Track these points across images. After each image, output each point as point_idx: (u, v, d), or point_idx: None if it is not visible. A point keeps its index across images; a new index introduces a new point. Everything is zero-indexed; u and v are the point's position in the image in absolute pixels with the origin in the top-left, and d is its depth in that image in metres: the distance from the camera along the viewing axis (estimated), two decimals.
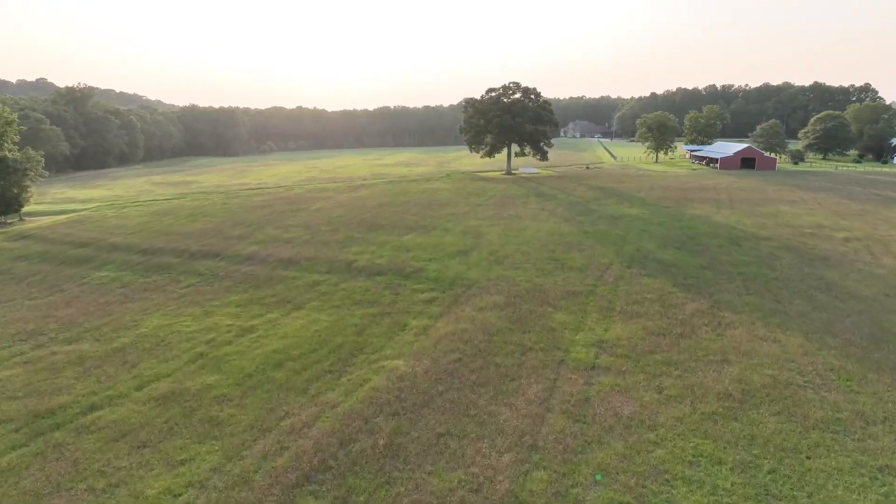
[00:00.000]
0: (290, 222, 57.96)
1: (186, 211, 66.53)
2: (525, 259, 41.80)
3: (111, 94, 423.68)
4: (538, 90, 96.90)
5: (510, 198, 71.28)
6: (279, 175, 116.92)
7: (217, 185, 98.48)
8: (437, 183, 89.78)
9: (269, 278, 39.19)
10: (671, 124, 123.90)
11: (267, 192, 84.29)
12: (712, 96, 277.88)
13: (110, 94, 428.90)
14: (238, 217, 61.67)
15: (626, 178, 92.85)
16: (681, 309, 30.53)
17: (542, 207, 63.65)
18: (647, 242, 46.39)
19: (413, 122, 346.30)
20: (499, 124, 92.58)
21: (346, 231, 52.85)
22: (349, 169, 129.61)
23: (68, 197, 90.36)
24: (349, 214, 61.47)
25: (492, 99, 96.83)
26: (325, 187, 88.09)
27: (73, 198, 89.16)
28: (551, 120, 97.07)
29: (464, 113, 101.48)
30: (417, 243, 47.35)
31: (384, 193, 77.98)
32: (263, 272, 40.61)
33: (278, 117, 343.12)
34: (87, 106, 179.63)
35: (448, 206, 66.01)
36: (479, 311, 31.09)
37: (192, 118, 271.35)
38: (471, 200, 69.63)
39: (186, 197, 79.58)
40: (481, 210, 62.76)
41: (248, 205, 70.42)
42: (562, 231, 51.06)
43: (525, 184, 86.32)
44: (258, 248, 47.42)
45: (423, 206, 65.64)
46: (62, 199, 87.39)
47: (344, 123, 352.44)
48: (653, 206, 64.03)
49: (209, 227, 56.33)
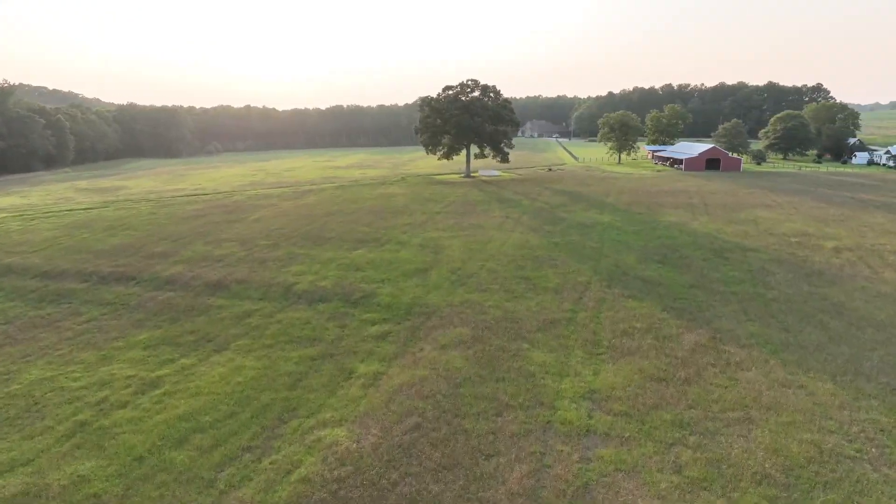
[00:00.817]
0: (224, 236, 51.68)
1: (105, 223, 59.16)
2: (492, 278, 37.12)
3: (43, 92, 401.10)
4: (497, 88, 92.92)
5: (471, 204, 66.65)
6: (220, 179, 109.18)
7: (148, 191, 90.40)
8: (391, 187, 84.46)
9: (190, 308, 33.20)
10: (634, 124, 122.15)
11: (203, 199, 77.19)
12: (669, 96, 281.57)
13: (42, 91, 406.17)
14: (165, 230, 54.88)
15: (591, 180, 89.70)
16: (678, 342, 26.36)
17: (506, 215, 59.24)
18: (625, 255, 42.45)
19: (367, 121, 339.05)
20: (457, 124, 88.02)
21: (288, 246, 47.05)
22: (298, 172, 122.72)
23: None
24: (293, 225, 55.57)
25: (449, 97, 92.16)
26: (268, 193, 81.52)
27: None
28: (512, 119, 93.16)
29: (419, 112, 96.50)
30: (369, 260, 42.07)
31: (333, 200, 72.17)
32: (184, 300, 34.54)
33: (225, 116, 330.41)
34: (8, 104, 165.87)
35: (404, 214, 60.85)
36: (441, 349, 26.14)
37: (130, 118, 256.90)
38: (428, 207, 64.67)
39: (110, 206, 71.76)
40: (440, 219, 57.88)
41: (178, 215, 63.47)
42: (530, 243, 46.67)
43: (486, 188, 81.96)
44: (183, 268, 41.17)
45: (377, 215, 60.29)
46: None
47: (295, 123, 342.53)
48: (624, 213, 60.54)
49: (128, 243, 49.48)
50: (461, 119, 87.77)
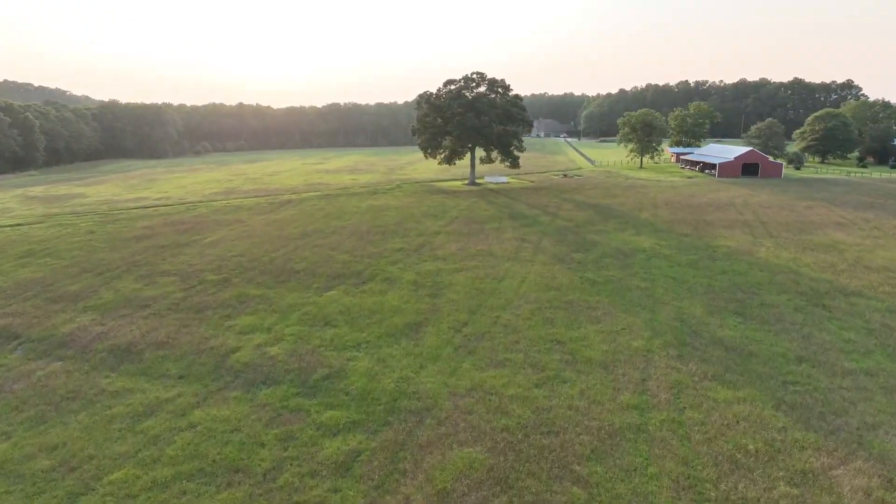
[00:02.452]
0: (165, 266, 41.74)
1: (24, 247, 49.30)
2: (511, 341, 27.20)
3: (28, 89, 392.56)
4: (507, 82, 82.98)
5: (478, 222, 56.61)
6: (191, 186, 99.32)
7: (104, 200, 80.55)
8: (384, 198, 74.49)
9: (71, 395, 23.24)
10: (658, 124, 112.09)
11: (160, 212, 67.29)
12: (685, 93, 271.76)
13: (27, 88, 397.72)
14: (94, 257, 44.97)
15: (616, 189, 79.65)
16: (830, 489, 16.33)
17: (521, 237, 49.22)
18: (688, 302, 32.47)
19: (365, 120, 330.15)
20: (460, 124, 78.05)
21: (241, 284, 37.10)
22: (282, 176, 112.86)
23: None
24: (255, 252, 45.62)
25: (451, 93, 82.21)
26: (239, 205, 71.60)
27: None
28: (523, 118, 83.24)
29: (417, 110, 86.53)
30: (344, 307, 32.15)
31: (313, 215, 62.21)
32: (69, 381, 24.59)
33: (216, 115, 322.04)
34: None
35: (395, 235, 50.87)
36: (440, 501, 16.18)
37: (111, 116, 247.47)
38: (426, 226, 54.67)
39: (47, 221, 61.88)
40: (440, 242, 47.90)
41: (121, 235, 53.57)
42: (557, 280, 36.68)
43: (495, 199, 71.95)
44: (91, 319, 31.26)
45: (362, 237, 50.31)
46: None
47: (289, 121, 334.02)
48: (667, 234, 50.54)
49: (38, 278, 39.57)
50: (465, 118, 77.82)
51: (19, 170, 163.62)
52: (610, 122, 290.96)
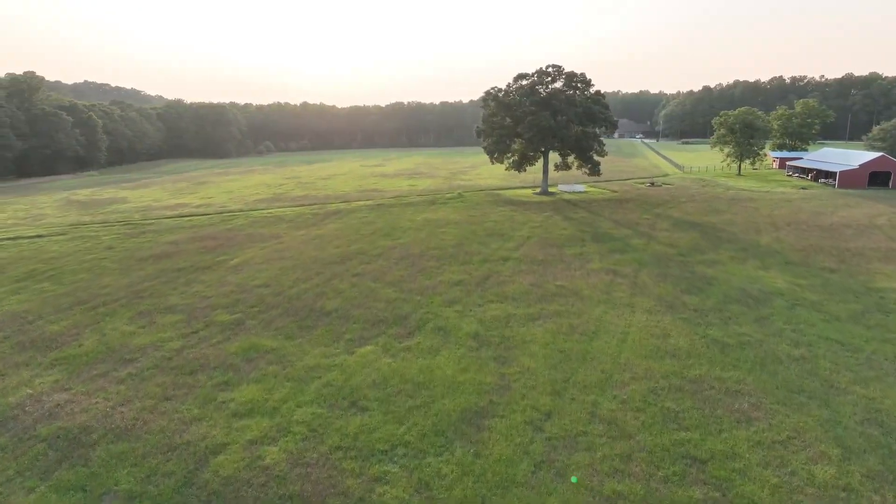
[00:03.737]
0: (173, 299, 35.00)
1: (30, 265, 44.07)
2: (621, 454, 18.34)
3: (106, 89, 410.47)
4: (587, 77, 73.22)
5: (555, 245, 47.44)
6: (239, 191, 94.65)
7: (142, 207, 76.35)
8: (443, 209, 66.32)
9: None
10: (761, 125, 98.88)
11: (194, 222, 61.68)
12: (780, 90, 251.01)
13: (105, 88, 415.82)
14: (98, 283, 38.91)
15: (718, 203, 68.32)
16: None
17: (612, 268, 39.76)
18: (877, 388, 22.54)
19: (430, 119, 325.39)
20: (533, 124, 68.80)
21: (255, 329, 29.71)
22: (336, 181, 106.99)
23: None
24: (282, 281, 38.33)
25: (523, 89, 73.20)
26: (282, 215, 65.19)
27: None
28: (607, 119, 73.17)
29: (483, 109, 78.00)
30: (380, 377, 24.08)
31: (360, 230, 54.73)
32: None
33: (280, 114, 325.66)
34: (34, 100, 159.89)
35: (454, 260, 42.49)
36: None
37: (175, 115, 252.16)
38: (492, 250, 46.01)
39: (70, 232, 57.28)
40: (509, 272, 39.15)
41: (141, 252, 47.73)
42: (671, 341, 27.29)
43: (573, 213, 62.42)
44: (52, 382, 24.51)
45: (413, 262, 42.21)
46: None
47: (353, 121, 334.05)
48: (804, 268, 39.83)
49: (23, 311, 33.60)
50: (539, 118, 68.54)
51: (81, 170, 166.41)
52: (692, 123, 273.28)
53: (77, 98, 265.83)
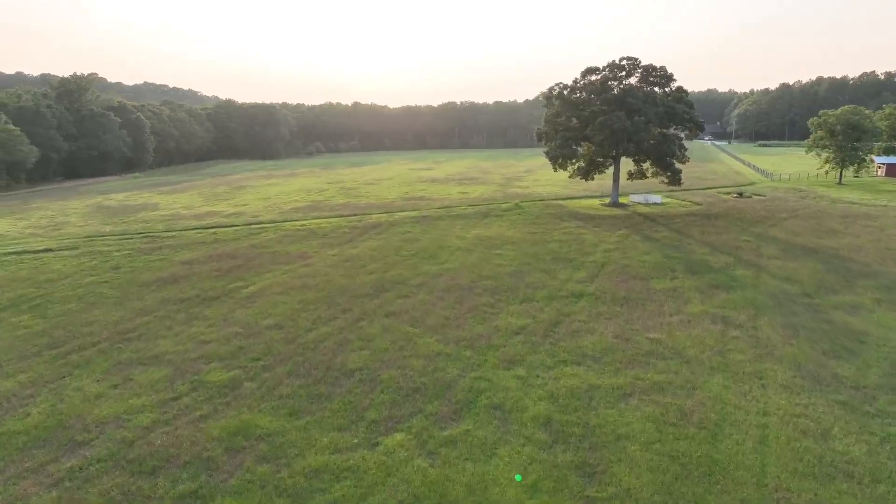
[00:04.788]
0: (164, 345, 28.64)
1: (20, 289, 38.87)
2: None
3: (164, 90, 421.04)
4: (668, 71, 64.07)
5: (638, 276, 38.97)
6: (277, 197, 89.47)
7: (170, 215, 71.67)
8: (497, 224, 58.54)
9: None
10: (869, 126, 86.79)
11: (218, 235, 56.02)
12: (871, 87, 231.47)
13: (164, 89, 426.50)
14: (85, 318, 33.08)
15: (828, 220, 57.92)
16: None
17: (720, 317, 31.16)
18: None
19: (483, 120, 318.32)
20: (605, 126, 60.14)
21: (252, 396, 22.89)
22: (380, 186, 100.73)
23: None
24: (300, 320, 31.51)
25: (592, 85, 64.69)
26: (316, 228, 58.82)
27: None
28: (692, 119, 63.80)
29: (545, 108, 69.83)
30: (410, 497, 16.72)
31: (400, 250, 47.61)
32: None
33: (331, 114, 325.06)
34: (83, 100, 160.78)
35: (513, 296, 34.73)
36: None
37: (225, 116, 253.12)
38: (559, 280, 38.00)
39: (82, 246, 52.43)
40: (584, 314, 31.17)
41: (148, 274, 41.99)
42: (836, 450, 18.94)
43: (653, 231, 53.54)
44: None
45: (461, 298, 34.67)
46: None
47: (404, 121, 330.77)
48: None
49: None
50: (612, 118, 59.87)
51: (127, 171, 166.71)
52: (769, 123, 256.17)
53: (137, 99, 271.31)
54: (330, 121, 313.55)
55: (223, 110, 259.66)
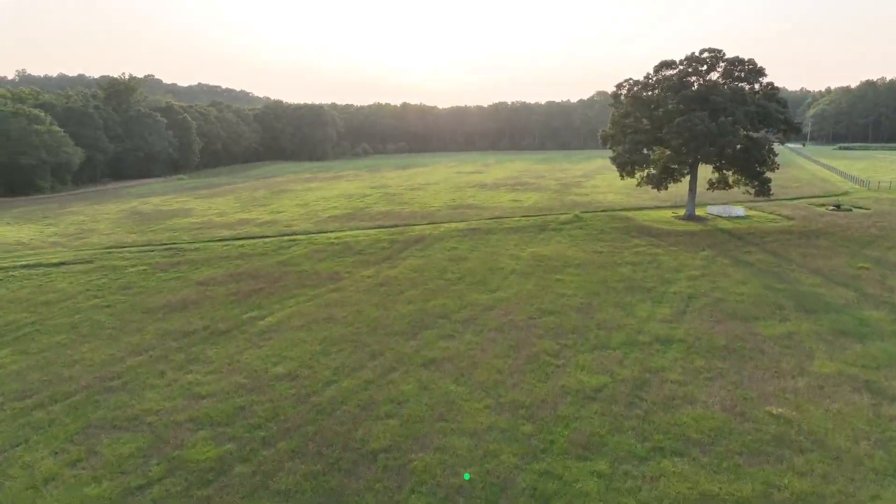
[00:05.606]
0: (146, 402, 23.53)
1: (12, 313, 34.70)
2: None
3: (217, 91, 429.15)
4: (758, 64, 56.06)
5: (737, 317, 31.75)
6: (315, 203, 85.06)
7: (199, 223, 67.84)
8: (556, 240, 51.93)
9: None
10: None
11: (245, 249, 51.33)
12: None
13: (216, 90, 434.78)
14: (67, 358, 28.41)
15: None
16: None
17: (862, 381, 23.84)
18: None
19: (534, 120, 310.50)
20: (684, 128, 52.60)
21: (237, 490, 17.24)
22: (427, 192, 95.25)
23: None
24: (319, 368, 25.92)
25: (668, 81, 57.28)
26: (352, 241, 53.50)
27: None
28: (787, 121, 55.56)
29: (612, 108, 62.69)
30: None
31: (445, 272, 41.60)
32: None
33: (379, 115, 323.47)
34: (130, 101, 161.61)
35: (581, 340, 28.23)
36: None
37: (272, 116, 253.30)
38: (637, 319, 31.21)
39: (97, 260, 48.52)
40: (675, 373, 24.50)
41: (155, 299, 37.31)
42: None
43: (743, 253, 45.87)
44: None
45: (517, 342, 28.38)
46: None
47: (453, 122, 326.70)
48: None
49: None
50: (693, 119, 52.31)
51: (174, 172, 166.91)
52: (849, 124, 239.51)
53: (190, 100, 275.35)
54: (378, 122, 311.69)
55: (271, 111, 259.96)
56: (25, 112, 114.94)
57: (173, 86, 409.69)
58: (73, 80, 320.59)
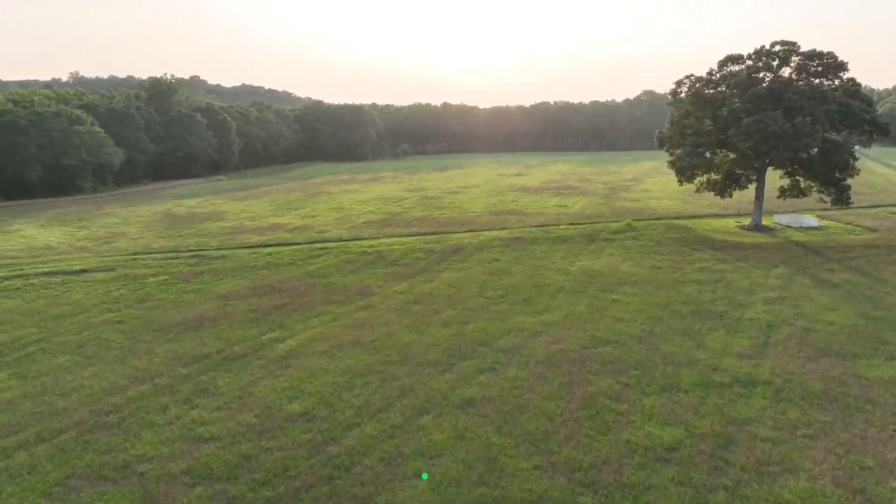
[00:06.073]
0: (141, 446, 20.61)
1: (19, 328, 32.55)
2: None
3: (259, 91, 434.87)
4: (839, 58, 50.66)
5: (833, 353, 27.07)
6: (350, 207, 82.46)
7: (230, 228, 65.75)
8: (609, 252, 47.69)
9: None
10: None
11: (274, 258, 48.65)
12: None
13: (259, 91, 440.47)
14: (66, 385, 25.86)
15: None
16: None
17: None
18: None
19: (578, 120, 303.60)
20: (756, 129, 47.58)
21: None
22: (466, 196, 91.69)
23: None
24: (340, 406, 22.64)
25: (735, 77, 52.33)
26: (386, 250, 50.31)
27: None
28: (874, 121, 50.09)
29: (671, 107, 57.85)
30: None
31: (485, 288, 37.92)
32: None
33: (419, 115, 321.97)
34: (172, 101, 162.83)
35: (647, 381, 24.23)
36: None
37: (312, 117, 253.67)
38: (709, 353, 26.89)
39: (119, 268, 46.48)
40: (765, 427, 20.28)
41: (170, 315, 34.70)
42: None
43: (825, 272, 40.70)
44: None
45: (569, 381, 24.50)
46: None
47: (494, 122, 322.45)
48: None
49: None
50: (766, 119, 47.24)
51: (213, 173, 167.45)
52: None
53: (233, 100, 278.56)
54: (418, 122, 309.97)
55: (311, 111, 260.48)
56: (67, 113, 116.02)
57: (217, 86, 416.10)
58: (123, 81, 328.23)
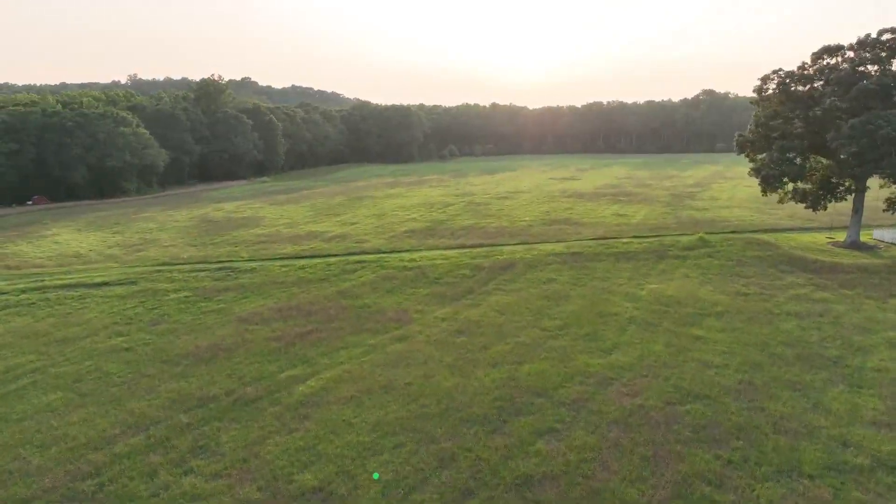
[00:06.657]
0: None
1: (18, 354, 29.38)
2: None
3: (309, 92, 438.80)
4: None
5: None
6: (392, 213, 78.46)
7: (265, 236, 62.44)
8: (680, 271, 41.94)
9: None
10: None
11: (307, 272, 44.74)
12: None
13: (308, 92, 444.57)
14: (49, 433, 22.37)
15: None
16: None
17: None
18: None
19: (631, 121, 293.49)
20: (862, 133, 40.95)
21: None
22: (516, 202, 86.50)
23: (18, 251, 60.96)
24: (369, 471, 18.12)
25: (833, 72, 45.77)
26: (428, 265, 45.73)
27: (19, 253, 59.50)
28: None
29: (756, 105, 51.34)
30: None
31: (542, 317, 32.92)
32: None
33: (466, 116, 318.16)
34: (219, 102, 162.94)
35: (749, 453, 18.93)
36: None
37: (358, 118, 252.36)
38: (830, 421, 21.30)
39: (141, 281, 43.40)
40: None
41: (182, 343, 31.00)
42: None
43: None
44: None
45: (653, 449, 19.48)
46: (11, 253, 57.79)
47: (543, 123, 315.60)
48: None
49: None
50: (877, 122, 40.61)
51: (259, 174, 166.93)
52: None
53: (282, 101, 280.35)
54: (466, 123, 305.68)
55: (357, 112, 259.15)
56: (113, 114, 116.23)
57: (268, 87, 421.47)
58: (176, 83, 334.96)
